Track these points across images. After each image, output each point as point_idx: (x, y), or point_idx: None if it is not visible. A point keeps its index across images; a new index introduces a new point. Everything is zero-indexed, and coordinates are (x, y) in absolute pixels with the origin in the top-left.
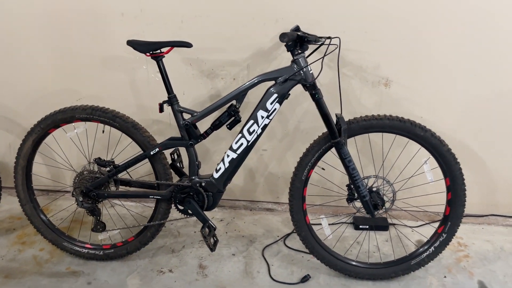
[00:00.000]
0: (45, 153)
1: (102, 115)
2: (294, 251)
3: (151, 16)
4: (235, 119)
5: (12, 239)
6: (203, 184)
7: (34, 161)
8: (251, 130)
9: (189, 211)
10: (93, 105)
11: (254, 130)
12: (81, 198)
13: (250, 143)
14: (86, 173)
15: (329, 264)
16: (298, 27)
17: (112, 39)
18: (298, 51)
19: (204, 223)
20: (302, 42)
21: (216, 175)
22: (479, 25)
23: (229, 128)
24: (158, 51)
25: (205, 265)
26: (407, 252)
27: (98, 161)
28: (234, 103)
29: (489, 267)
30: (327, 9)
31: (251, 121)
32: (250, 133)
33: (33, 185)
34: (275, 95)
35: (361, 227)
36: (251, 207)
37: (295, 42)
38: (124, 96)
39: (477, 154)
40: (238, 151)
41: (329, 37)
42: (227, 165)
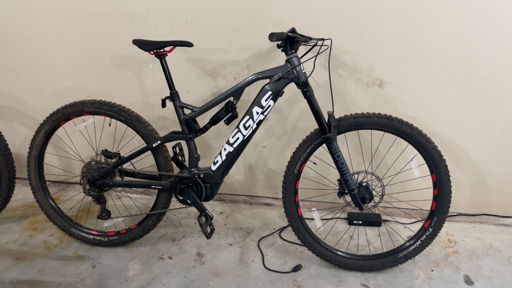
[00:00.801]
0: (57, 145)
1: (109, 109)
2: (288, 242)
3: (157, 18)
4: (232, 114)
5: (24, 225)
6: (202, 175)
7: (46, 152)
8: (246, 125)
9: (188, 201)
10: (101, 100)
11: (249, 125)
12: (88, 186)
13: (246, 137)
14: (93, 163)
15: (319, 254)
16: (294, 29)
17: (121, 39)
18: (291, 51)
19: (201, 212)
20: (293, 42)
21: (213, 167)
22: (472, 27)
23: (227, 123)
24: (161, 49)
25: (203, 253)
26: (396, 246)
27: (105, 153)
28: (231, 99)
29: (476, 262)
30: (323, 13)
31: (247, 117)
32: (246, 128)
33: (45, 174)
34: (270, 92)
35: (354, 222)
36: (250, 201)
37: (287, 42)
38: (132, 92)
39: (470, 154)
40: (234, 145)
41: (322, 39)
42: (224, 158)
